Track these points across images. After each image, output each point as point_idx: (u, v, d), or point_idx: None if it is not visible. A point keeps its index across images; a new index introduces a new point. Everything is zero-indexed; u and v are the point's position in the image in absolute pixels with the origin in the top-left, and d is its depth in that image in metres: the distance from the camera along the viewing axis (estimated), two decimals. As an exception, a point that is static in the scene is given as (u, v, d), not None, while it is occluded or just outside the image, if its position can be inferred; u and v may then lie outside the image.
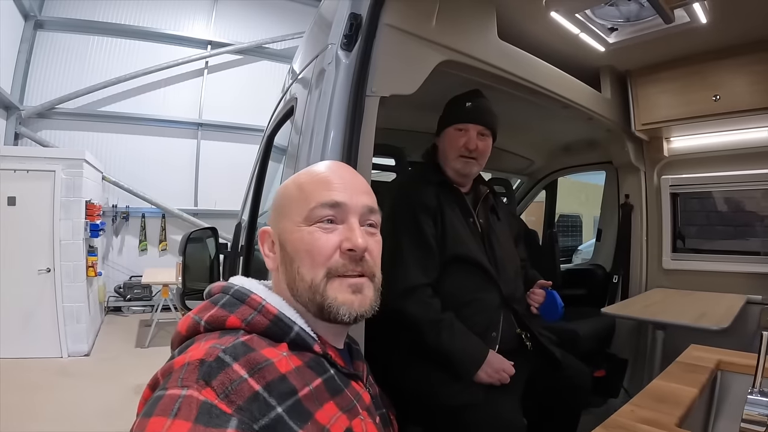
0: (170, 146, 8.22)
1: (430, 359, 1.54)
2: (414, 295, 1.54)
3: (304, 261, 0.79)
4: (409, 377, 1.56)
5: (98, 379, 4.76)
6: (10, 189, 5.18)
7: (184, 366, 0.63)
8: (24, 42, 7.01)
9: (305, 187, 0.83)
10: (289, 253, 0.81)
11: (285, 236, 0.82)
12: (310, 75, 1.47)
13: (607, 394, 2.67)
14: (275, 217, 0.86)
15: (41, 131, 7.24)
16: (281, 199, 0.87)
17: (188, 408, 0.57)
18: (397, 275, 1.52)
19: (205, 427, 0.56)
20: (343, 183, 0.83)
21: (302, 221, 0.80)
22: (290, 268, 0.81)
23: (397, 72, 1.37)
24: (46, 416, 3.89)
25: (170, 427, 0.56)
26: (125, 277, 7.83)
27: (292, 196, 0.84)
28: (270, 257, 0.86)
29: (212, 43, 8.44)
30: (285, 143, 1.66)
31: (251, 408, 0.61)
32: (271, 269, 0.86)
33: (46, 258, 5.31)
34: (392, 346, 1.60)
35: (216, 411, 0.58)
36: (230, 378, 0.62)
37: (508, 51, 1.83)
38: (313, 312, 0.79)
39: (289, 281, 0.81)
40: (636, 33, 2.29)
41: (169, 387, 0.61)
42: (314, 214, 0.80)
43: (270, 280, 0.89)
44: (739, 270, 2.67)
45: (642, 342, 2.75)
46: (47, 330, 5.34)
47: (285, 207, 0.84)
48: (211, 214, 8.00)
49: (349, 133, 1.21)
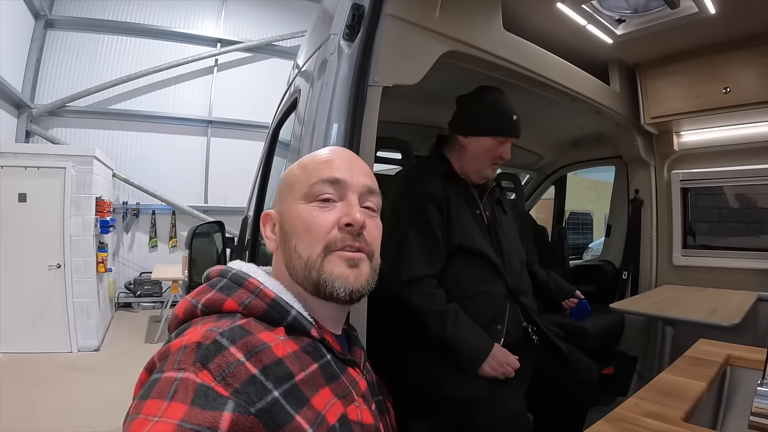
0: (180, 143, 8.24)
1: (434, 350, 1.52)
2: (419, 285, 1.53)
3: (302, 237, 0.79)
4: (413, 368, 1.55)
5: (107, 374, 4.78)
6: (21, 186, 5.21)
7: (180, 349, 0.63)
8: (34, 41, 7.05)
9: (307, 167, 0.84)
10: (287, 231, 0.81)
11: (284, 216, 0.83)
12: (313, 66, 1.46)
13: (615, 391, 2.64)
14: (277, 199, 0.87)
15: (52, 129, 7.29)
16: (283, 182, 0.87)
17: (185, 390, 0.57)
18: (401, 265, 1.52)
19: (201, 410, 0.56)
20: (344, 163, 0.84)
21: (302, 198, 0.81)
22: (288, 247, 0.81)
23: (400, 62, 1.36)
24: (54, 410, 3.91)
25: (166, 409, 0.56)
26: (135, 273, 7.87)
27: (294, 176, 0.85)
28: (270, 239, 0.86)
29: (222, 41, 8.45)
30: (289, 137, 1.66)
31: (248, 391, 0.60)
32: (271, 250, 0.86)
33: (56, 254, 5.35)
34: (396, 336, 1.59)
35: (212, 394, 0.58)
36: (227, 361, 0.61)
37: (513, 42, 1.81)
38: (310, 290, 0.79)
39: (287, 260, 0.81)
40: (644, 24, 2.26)
41: (166, 370, 0.61)
42: (314, 190, 0.80)
43: (271, 266, 0.89)
44: (751, 266, 2.64)
45: (651, 339, 2.72)
46: (57, 325, 5.37)
47: (286, 188, 0.85)
48: (221, 211, 8.01)
49: (351, 123, 1.20)
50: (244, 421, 0.58)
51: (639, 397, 1.04)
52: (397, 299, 1.50)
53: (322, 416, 0.67)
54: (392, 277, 1.49)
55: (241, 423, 0.57)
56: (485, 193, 1.79)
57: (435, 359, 1.53)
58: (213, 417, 0.56)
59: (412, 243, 1.56)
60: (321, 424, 0.67)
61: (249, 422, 0.58)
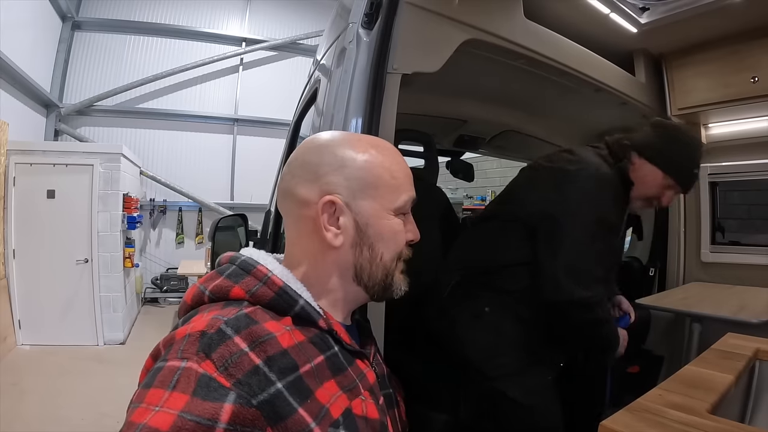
0: (207, 142, 8.38)
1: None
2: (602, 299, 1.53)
3: (390, 248, 0.82)
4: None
5: (132, 366, 4.80)
6: (49, 182, 5.35)
7: (185, 337, 0.63)
8: (62, 42, 7.22)
9: (396, 175, 0.82)
10: (370, 235, 0.80)
11: (369, 219, 0.79)
12: (331, 58, 1.47)
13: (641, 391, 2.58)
14: (347, 188, 0.78)
15: (80, 128, 7.46)
16: (363, 173, 0.79)
17: (187, 380, 0.57)
18: (592, 271, 1.48)
19: (202, 400, 0.55)
20: (410, 177, 0.86)
21: (392, 210, 0.81)
22: (370, 252, 0.80)
23: (419, 50, 1.35)
24: (78, 400, 4.02)
25: (168, 399, 0.55)
26: (162, 269, 8.02)
27: (380, 177, 0.80)
28: (332, 232, 0.78)
29: (246, 40, 8.56)
30: (309, 130, 1.66)
31: (250, 382, 0.60)
32: (336, 245, 0.78)
33: (84, 249, 5.47)
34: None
35: (214, 384, 0.57)
36: (230, 351, 0.61)
37: (535, 30, 1.78)
38: (375, 292, 0.83)
39: (362, 261, 0.81)
40: (668, 12, 2.21)
41: (170, 358, 0.61)
42: (404, 206, 0.83)
43: (282, 254, 0.86)
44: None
45: (678, 337, 2.65)
46: (84, 318, 5.50)
47: (371, 187, 0.79)
48: (247, 208, 8.02)
49: (370, 111, 1.19)
50: (245, 413, 0.57)
51: (663, 388, 1.01)
52: (581, 302, 1.45)
53: (326, 410, 0.66)
54: (582, 281, 1.46)
55: (242, 415, 0.57)
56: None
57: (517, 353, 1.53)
58: (213, 408, 0.55)
59: (605, 253, 1.53)
60: (324, 417, 0.65)
61: (250, 414, 0.58)
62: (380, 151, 0.82)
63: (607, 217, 1.52)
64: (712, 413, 0.91)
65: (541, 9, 1.84)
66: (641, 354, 2.76)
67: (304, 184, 0.79)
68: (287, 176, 0.82)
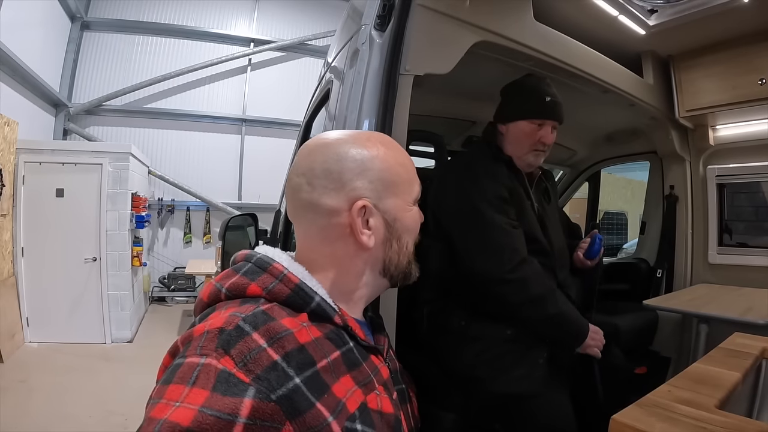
0: (215, 142, 8.41)
1: (499, 342, 1.52)
2: (531, 265, 1.51)
3: (412, 236, 0.88)
4: (469, 363, 1.53)
5: (139, 364, 4.90)
6: (58, 181, 5.40)
7: (203, 334, 0.63)
8: (71, 42, 7.28)
9: (408, 168, 0.87)
10: (398, 229, 0.84)
11: (396, 214, 0.84)
12: (343, 60, 1.48)
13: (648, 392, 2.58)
14: (372, 190, 0.81)
15: (89, 127, 7.50)
16: (384, 173, 0.82)
17: (206, 376, 0.58)
18: (503, 251, 1.48)
19: (222, 396, 0.56)
20: (414, 165, 0.91)
21: (412, 201, 0.87)
22: (399, 244, 0.85)
23: (431, 51, 1.36)
24: (85, 397, 4.06)
25: (188, 395, 0.56)
26: (170, 268, 8.07)
27: (397, 174, 0.84)
28: (366, 234, 0.80)
29: (255, 41, 8.59)
30: (321, 132, 1.67)
31: (269, 377, 0.60)
32: (369, 246, 0.81)
33: (92, 247, 5.52)
34: (450, 333, 1.57)
35: (234, 380, 0.58)
36: (249, 347, 0.62)
37: (545, 32, 1.79)
38: (397, 279, 0.88)
39: (391, 255, 0.85)
40: (677, 14, 2.21)
41: (188, 355, 0.61)
42: (418, 195, 0.89)
43: (295, 251, 0.87)
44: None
45: (685, 339, 2.66)
46: (92, 316, 5.55)
47: (392, 185, 0.83)
48: (255, 208, 8.01)
49: (382, 112, 1.21)
50: (265, 407, 0.58)
51: (672, 384, 1.02)
52: (507, 284, 1.46)
53: (342, 404, 0.67)
54: (497, 265, 1.47)
55: (262, 410, 0.58)
56: (533, 183, 1.74)
57: (502, 350, 1.52)
58: (233, 403, 0.56)
59: (507, 229, 1.52)
60: (341, 411, 0.66)
61: (269, 409, 0.58)
62: (389, 147, 0.86)
63: (486, 193, 1.54)
64: (719, 409, 0.93)
65: (550, 11, 1.86)
66: (648, 355, 2.76)
67: (329, 194, 0.79)
68: (306, 187, 0.80)
